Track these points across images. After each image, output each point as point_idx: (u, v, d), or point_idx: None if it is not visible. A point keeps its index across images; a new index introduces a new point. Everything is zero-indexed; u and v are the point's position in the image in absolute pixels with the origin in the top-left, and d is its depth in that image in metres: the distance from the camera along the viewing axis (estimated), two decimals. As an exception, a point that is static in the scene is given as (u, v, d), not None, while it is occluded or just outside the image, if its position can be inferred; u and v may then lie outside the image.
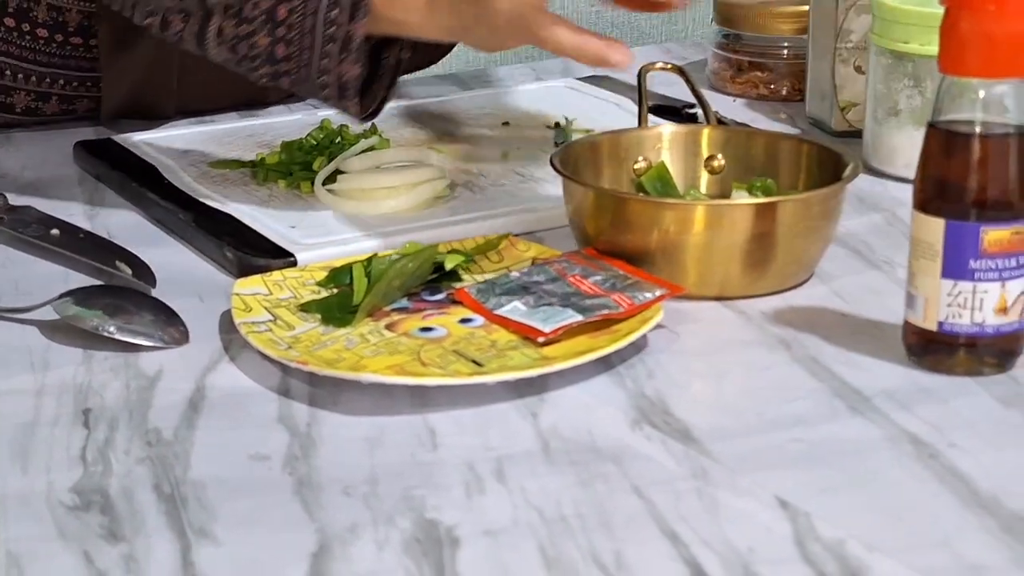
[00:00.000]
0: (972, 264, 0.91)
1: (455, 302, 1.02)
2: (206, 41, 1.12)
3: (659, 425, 0.88)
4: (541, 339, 0.96)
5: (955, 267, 0.91)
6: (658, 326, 0.98)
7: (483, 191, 1.20)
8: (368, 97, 1.13)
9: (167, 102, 1.39)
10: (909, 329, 0.94)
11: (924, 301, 0.92)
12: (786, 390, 0.92)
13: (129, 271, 1.06)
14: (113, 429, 0.88)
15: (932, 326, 0.92)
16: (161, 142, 1.29)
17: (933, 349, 0.93)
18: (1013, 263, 0.91)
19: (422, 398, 0.91)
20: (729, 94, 1.49)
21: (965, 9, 0.89)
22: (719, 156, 1.15)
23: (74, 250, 1.09)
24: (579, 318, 0.97)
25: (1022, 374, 0.93)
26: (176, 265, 1.09)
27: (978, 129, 0.91)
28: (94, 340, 0.97)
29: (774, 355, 0.97)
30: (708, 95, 1.45)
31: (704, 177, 1.15)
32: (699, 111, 1.24)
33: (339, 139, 1.24)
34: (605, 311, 0.98)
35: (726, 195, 1.13)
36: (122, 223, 1.17)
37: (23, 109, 1.37)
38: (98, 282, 1.05)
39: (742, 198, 1.11)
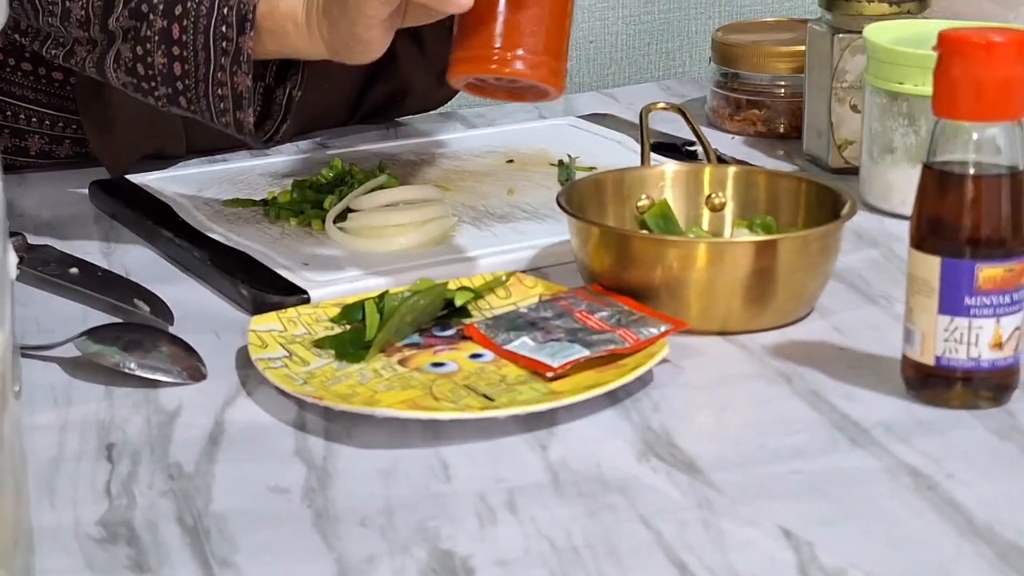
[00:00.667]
0: (967, 300, 0.94)
1: (465, 337, 1.05)
2: (106, 66, 1.18)
3: (664, 457, 0.91)
4: (550, 374, 0.99)
5: (951, 303, 0.94)
6: (663, 360, 1.01)
7: (490, 228, 1.23)
8: (260, 131, 1.21)
9: (176, 143, 1.42)
10: (907, 363, 0.97)
11: (921, 336, 0.95)
12: (787, 422, 0.95)
13: (147, 308, 1.08)
14: (136, 463, 0.91)
15: (929, 360, 0.95)
16: (175, 181, 1.32)
17: (930, 383, 0.96)
18: (1007, 299, 0.94)
19: (435, 431, 0.94)
20: (727, 131, 1.52)
21: (957, 56, 0.93)
22: (720, 194, 1.18)
23: (93, 288, 1.12)
24: (586, 353, 1.00)
25: (1017, 408, 0.96)
26: (192, 302, 1.12)
27: (971, 170, 0.94)
28: (115, 376, 1.00)
29: (775, 388, 1.00)
30: (707, 132, 1.48)
31: (706, 214, 1.18)
32: (699, 148, 1.27)
33: (349, 178, 1.27)
34: (611, 346, 1.00)
35: (727, 232, 1.17)
36: (138, 261, 1.20)
37: (37, 152, 1.40)
38: (117, 319, 1.08)
39: (743, 235, 1.14)
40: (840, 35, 1.36)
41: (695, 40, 2.10)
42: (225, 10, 1.13)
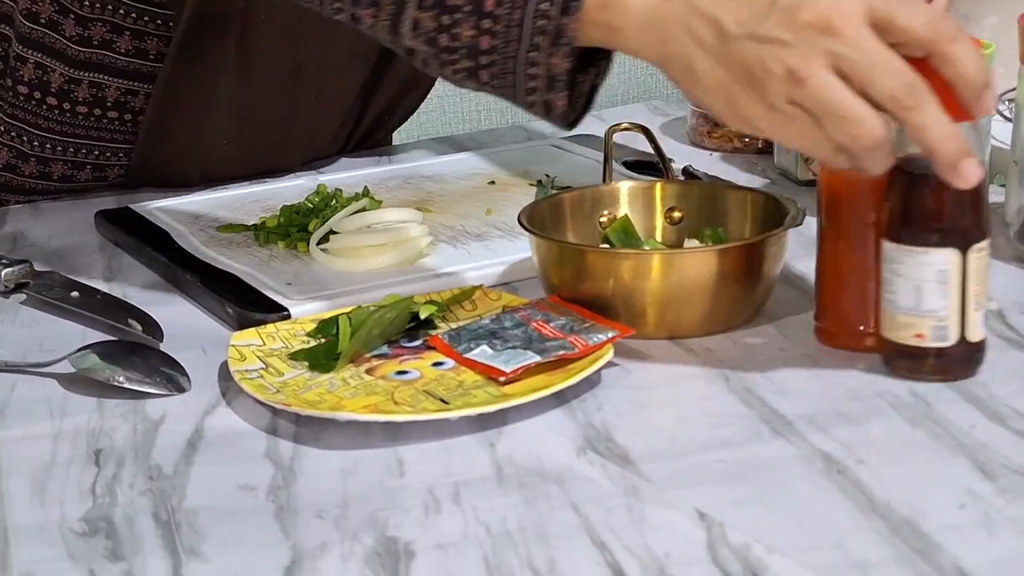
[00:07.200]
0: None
1: (430, 347, 1.13)
2: (400, 33, 1.10)
3: (601, 451, 0.99)
4: (502, 378, 1.07)
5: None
6: (612, 364, 1.09)
7: (465, 246, 1.31)
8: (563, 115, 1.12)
9: (193, 171, 1.52)
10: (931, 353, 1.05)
11: (952, 324, 1.05)
12: (719, 416, 1.03)
13: (139, 328, 1.18)
14: (120, 467, 1.00)
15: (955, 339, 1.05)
16: (175, 208, 1.42)
17: (960, 358, 1.06)
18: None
19: (394, 433, 1.02)
20: (707, 148, 1.60)
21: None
22: (678, 207, 1.27)
23: (91, 310, 1.21)
24: (537, 359, 1.08)
25: (932, 397, 1.04)
26: (183, 321, 1.21)
27: None
28: (107, 390, 1.09)
29: (713, 387, 1.08)
30: (687, 150, 1.57)
31: (664, 227, 1.26)
32: (674, 164, 1.35)
33: (334, 202, 1.36)
34: (561, 352, 1.09)
35: (684, 243, 1.25)
36: (137, 284, 1.29)
37: (59, 177, 1.51)
38: (112, 338, 1.17)
39: (691, 246, 1.22)
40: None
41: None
42: None
